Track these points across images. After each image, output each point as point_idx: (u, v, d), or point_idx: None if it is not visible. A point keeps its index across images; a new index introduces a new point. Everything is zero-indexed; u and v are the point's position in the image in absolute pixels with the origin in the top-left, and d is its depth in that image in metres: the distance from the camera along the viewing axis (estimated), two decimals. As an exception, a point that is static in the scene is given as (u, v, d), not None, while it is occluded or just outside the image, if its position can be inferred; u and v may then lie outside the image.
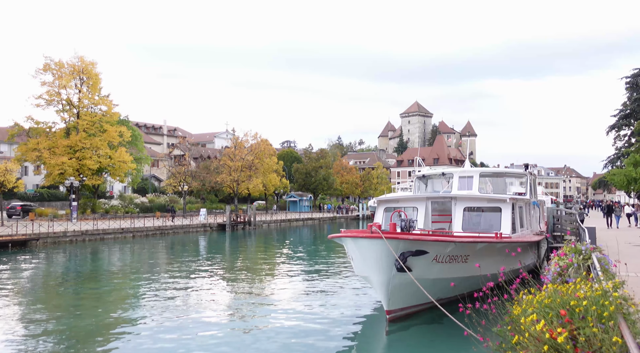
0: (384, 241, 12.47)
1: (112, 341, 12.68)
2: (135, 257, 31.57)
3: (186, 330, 13.32)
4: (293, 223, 64.74)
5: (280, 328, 13.50)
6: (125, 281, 22.66)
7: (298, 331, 13.27)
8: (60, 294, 19.46)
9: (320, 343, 12.32)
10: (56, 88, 48.83)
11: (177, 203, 66.78)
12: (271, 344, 12.13)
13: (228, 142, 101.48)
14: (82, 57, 49.82)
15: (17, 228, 36.31)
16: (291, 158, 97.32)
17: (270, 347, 11.92)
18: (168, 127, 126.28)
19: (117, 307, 16.92)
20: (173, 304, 16.69)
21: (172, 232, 47.10)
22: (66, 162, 47.40)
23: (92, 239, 39.03)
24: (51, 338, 12.75)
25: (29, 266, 26.99)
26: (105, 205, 57.60)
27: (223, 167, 68.30)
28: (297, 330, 13.38)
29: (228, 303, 17.04)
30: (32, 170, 70.20)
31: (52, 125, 50.87)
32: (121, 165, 51.89)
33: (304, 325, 13.89)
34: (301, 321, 14.30)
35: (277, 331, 13.25)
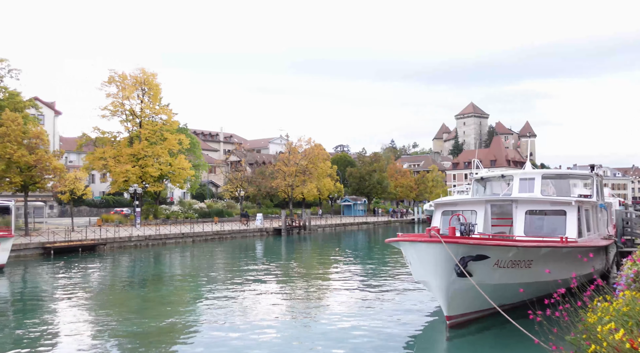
0: (443, 245, 12.24)
1: (174, 343, 13.06)
2: (195, 261, 32.48)
3: (244, 333, 13.51)
4: (347, 228, 64.67)
5: (337, 334, 13.47)
6: (187, 284, 23.33)
7: (355, 336, 13.19)
8: (126, 297, 20.28)
9: (379, 348, 12.22)
10: (120, 99, 51.17)
11: (234, 209, 68.26)
12: (329, 349, 12.14)
13: (282, 148, 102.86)
14: (143, 69, 51.98)
15: (86, 233, 38.24)
16: (345, 162, 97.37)
17: (327, 352, 11.94)
18: (224, 134, 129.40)
19: (179, 310, 17.44)
20: (232, 307, 17.03)
21: (230, 236, 48.15)
22: (130, 169, 49.46)
23: (155, 244, 40.51)
24: (117, 339, 13.29)
25: (97, 269, 28.32)
26: (166, 211, 59.67)
27: (278, 172, 69.20)
28: (354, 335, 13.30)
29: (285, 307, 17.19)
30: (99, 178, 73.73)
31: (116, 134, 53.28)
32: (181, 172, 53.57)
33: (361, 330, 13.80)
34: (358, 326, 14.21)
35: (334, 336, 13.22)
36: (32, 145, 37.95)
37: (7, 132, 36.59)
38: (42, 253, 33.05)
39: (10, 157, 36.19)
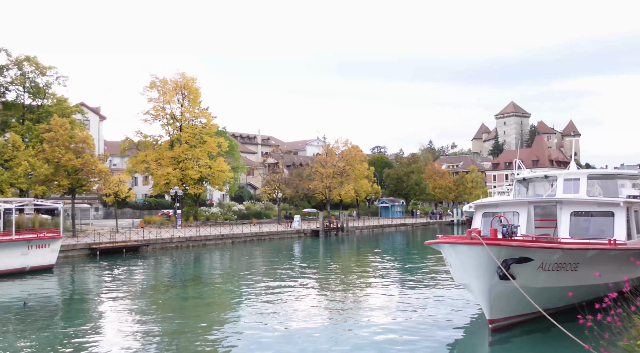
0: (484, 247, 12.01)
1: (213, 344, 13.24)
2: (234, 263, 32.90)
3: (283, 335, 13.59)
4: (385, 229, 64.26)
5: (377, 337, 13.37)
6: (226, 285, 23.64)
7: (395, 339, 13.07)
8: (168, 297, 20.71)
9: (419, 351, 12.08)
10: (161, 103, 52.42)
11: (271, 210, 68.85)
12: (368, 352, 12.08)
13: (319, 149, 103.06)
14: (183, 74, 53.08)
15: (130, 234, 39.30)
16: (382, 163, 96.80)
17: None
18: (262, 137, 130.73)
19: (218, 311, 17.69)
20: (270, 309, 17.13)
21: (268, 238, 48.57)
22: (171, 172, 50.57)
23: (195, 245, 41.27)
24: (158, 338, 13.59)
25: (140, 270, 29.07)
26: (206, 212, 60.71)
27: (315, 174, 69.38)
28: (393, 338, 13.18)
29: (323, 310, 17.19)
30: (141, 180, 75.67)
31: (158, 138, 54.58)
32: (220, 174, 54.38)
33: (400, 333, 13.67)
34: (397, 329, 14.08)
35: (373, 339, 13.13)
36: (78, 149, 39.31)
37: (56, 136, 38.02)
38: (89, 253, 34.17)
39: (58, 161, 37.59)
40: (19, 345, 12.91)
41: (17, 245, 26.20)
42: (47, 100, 44.46)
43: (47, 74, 43.74)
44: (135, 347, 12.69)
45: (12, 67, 42.76)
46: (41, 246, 27.27)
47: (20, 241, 26.37)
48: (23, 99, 44.20)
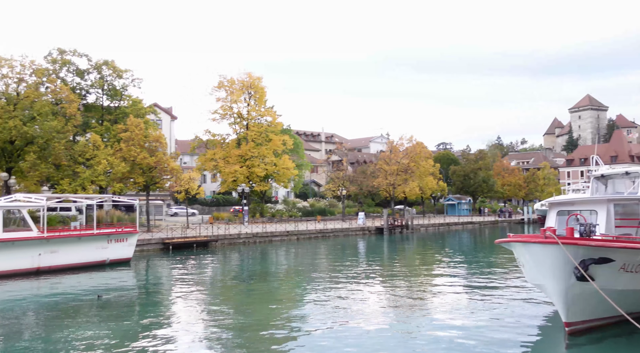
0: (560, 247, 11.47)
1: (276, 338, 13.42)
2: (299, 259, 33.32)
3: (346, 333, 13.49)
4: (452, 227, 62.88)
5: (444, 337, 13.08)
6: (292, 281, 23.99)
7: (463, 342, 12.69)
8: (236, 291, 21.29)
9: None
10: (229, 103, 54.00)
11: (336, 207, 69.15)
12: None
13: (383, 147, 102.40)
14: (249, 73, 54.37)
15: (200, 230, 40.75)
16: (448, 160, 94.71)
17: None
18: (325, 134, 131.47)
19: (284, 306, 17.96)
20: (335, 305, 17.14)
21: (333, 235, 48.83)
22: (238, 170, 51.97)
23: (262, 241, 42.18)
24: (226, 332, 13.96)
25: (210, 264, 30.09)
26: (272, 209, 61.90)
27: (379, 171, 69.00)
28: (462, 341, 12.81)
29: (388, 308, 17.03)
30: (210, 178, 78.20)
31: (225, 136, 56.25)
32: (285, 171, 55.29)
33: (469, 335, 13.26)
34: (466, 331, 13.67)
35: (440, 341, 12.83)
36: (152, 148, 41.22)
37: (132, 136, 40.06)
38: (162, 248, 35.74)
39: (134, 159, 39.60)
40: (95, 335, 13.71)
41: (98, 239, 27.84)
42: (124, 101, 46.92)
43: (124, 76, 46.14)
44: (204, 340, 13.13)
45: (92, 71, 45.44)
46: (120, 240, 28.84)
47: (101, 235, 28.00)
48: (102, 101, 46.90)
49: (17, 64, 37.26)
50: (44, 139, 36.13)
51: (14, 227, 26.99)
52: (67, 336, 13.43)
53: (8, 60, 36.87)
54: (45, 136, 36.08)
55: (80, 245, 26.97)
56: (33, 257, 24.87)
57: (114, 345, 12.59)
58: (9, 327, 14.86)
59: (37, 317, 16.37)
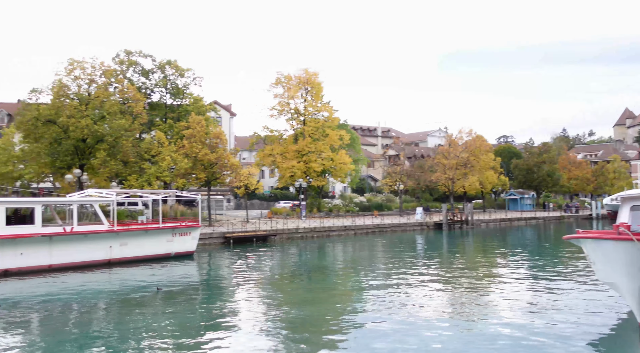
0: (636, 243, 10.89)
1: (336, 332, 13.51)
2: (357, 254, 33.34)
3: (404, 330, 13.37)
4: (514, 223, 60.91)
5: (509, 337, 12.64)
6: (350, 276, 24.05)
7: (530, 342, 12.20)
8: (294, 285, 21.59)
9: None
10: (286, 99, 54.60)
11: (393, 202, 68.59)
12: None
13: (441, 141, 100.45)
14: (306, 69, 54.70)
15: (259, 225, 41.56)
16: (509, 154, 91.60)
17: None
18: (382, 129, 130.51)
19: (342, 301, 18.04)
20: (392, 302, 17.02)
21: (390, 230, 48.50)
22: (295, 165, 52.55)
23: (319, 235, 42.50)
24: (284, 325, 14.20)
25: (269, 258, 30.65)
26: (329, 204, 62.19)
27: (437, 166, 67.81)
28: (528, 341, 12.33)
29: (448, 305, 16.75)
30: (268, 173, 79.51)
31: (283, 132, 56.97)
32: (342, 166, 55.38)
33: (536, 334, 12.77)
34: (532, 330, 13.17)
35: (504, 339, 12.45)
36: (213, 144, 42.42)
37: (194, 133, 41.38)
38: (223, 242, 36.74)
39: (196, 155, 40.90)
40: (160, 326, 14.30)
41: (164, 233, 28.99)
42: (185, 99, 48.52)
43: (185, 75, 47.72)
44: (263, 334, 13.41)
45: (156, 70, 47.26)
46: (184, 234, 29.90)
47: (166, 229, 29.14)
48: (165, 100, 48.70)
49: (89, 65, 39.29)
50: (113, 137, 37.97)
51: (87, 221, 28.57)
52: (134, 325, 14.10)
53: (80, 62, 38.94)
54: (114, 134, 37.92)
55: (147, 239, 28.18)
56: (105, 249, 26.23)
57: (176, 335, 13.11)
58: (84, 316, 15.79)
59: (108, 306, 17.27)
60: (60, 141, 37.79)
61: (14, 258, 23.11)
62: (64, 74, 38.57)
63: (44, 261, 23.98)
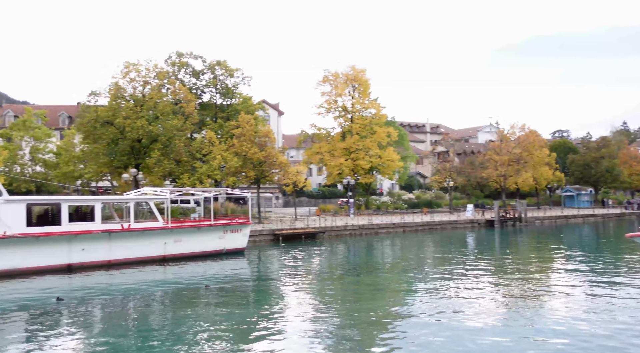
0: None
1: (385, 331, 13.43)
2: (406, 251, 33.02)
3: (455, 331, 13.12)
4: (571, 221, 58.66)
5: (564, 341, 12.16)
6: (398, 274, 23.86)
7: (588, 346, 11.80)
8: (342, 282, 21.61)
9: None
10: (333, 96, 54.65)
11: (442, 200, 67.48)
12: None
13: (492, 136, 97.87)
14: (353, 66, 54.56)
15: (308, 222, 41.87)
16: (565, 149, 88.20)
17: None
18: (430, 125, 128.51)
19: (391, 299, 17.92)
20: (442, 302, 16.73)
21: (440, 227, 47.77)
22: (343, 162, 52.57)
23: (368, 233, 42.37)
24: (333, 322, 14.24)
25: (318, 255, 30.82)
26: (377, 201, 61.86)
27: (488, 162, 66.19)
28: (585, 343, 11.92)
29: (500, 305, 16.29)
30: (316, 171, 79.91)
31: (330, 130, 57.07)
32: (390, 163, 54.96)
33: (593, 338, 12.25)
34: (591, 334, 12.61)
35: (560, 343, 12.02)
36: (262, 143, 43.05)
37: (243, 132, 42.13)
38: (272, 239, 37.22)
39: (245, 154, 41.62)
40: (213, 321, 14.64)
41: (215, 230, 29.67)
42: (235, 99, 49.44)
43: (235, 75, 48.62)
44: (312, 332, 13.49)
45: (207, 71, 48.39)
46: (234, 231, 30.50)
47: (217, 226, 29.81)
48: (215, 99, 49.80)
49: (143, 68, 40.68)
50: (166, 137, 39.19)
51: (142, 219, 29.63)
52: (188, 320, 14.51)
53: (135, 65, 40.37)
54: (167, 134, 39.13)
55: (199, 236, 28.92)
56: (160, 246, 27.11)
57: (227, 331, 13.41)
58: (140, 310, 16.41)
59: (164, 300, 17.87)
60: (117, 141, 39.34)
61: (77, 254, 24.25)
62: (120, 76, 40.13)
63: (103, 257, 25.04)
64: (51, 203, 25.85)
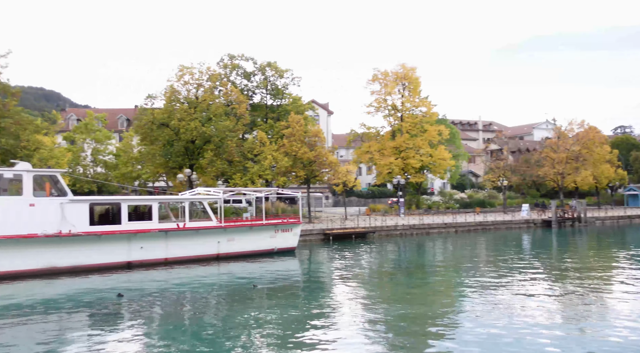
0: None
1: (436, 333, 13.21)
2: (458, 252, 32.38)
3: (508, 333, 12.74)
4: (635, 221, 55.76)
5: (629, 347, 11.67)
6: (450, 275, 23.42)
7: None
8: (393, 282, 21.43)
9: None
10: (383, 95, 54.30)
11: (496, 199, 65.73)
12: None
13: (549, 133, 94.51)
14: (403, 64, 53.99)
15: (358, 222, 41.78)
16: (628, 146, 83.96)
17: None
18: (483, 122, 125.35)
19: (443, 300, 17.64)
20: (495, 303, 16.30)
21: (494, 227, 46.57)
22: (393, 162, 52.13)
23: (419, 233, 41.84)
24: (384, 323, 14.11)
25: (368, 255, 30.73)
26: (428, 201, 60.98)
27: (545, 160, 63.91)
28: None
29: (558, 310, 15.64)
30: (365, 170, 79.61)
31: (380, 129, 56.73)
32: (441, 162, 54.07)
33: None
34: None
35: (624, 348, 11.51)
36: (312, 142, 43.32)
37: (293, 132, 42.54)
38: (323, 238, 37.38)
39: (295, 154, 42.01)
40: (262, 319, 14.86)
41: (267, 229, 30.11)
42: (285, 99, 49.98)
43: (285, 76, 49.14)
44: (363, 332, 13.47)
45: (257, 72, 49.17)
46: (285, 230, 30.85)
47: (269, 225, 30.24)
48: (266, 100, 50.53)
49: (196, 71, 41.82)
50: (219, 138, 40.12)
51: (196, 218, 30.44)
52: (241, 318, 14.82)
53: (189, 68, 41.55)
54: (220, 135, 40.06)
55: (251, 235, 29.43)
56: (214, 245, 27.78)
57: (279, 329, 13.59)
58: (195, 307, 16.88)
59: (218, 298, 18.31)
60: (173, 143, 40.61)
61: (136, 252, 25.22)
62: (175, 80, 41.40)
63: (160, 255, 25.92)
64: (112, 203, 27.01)
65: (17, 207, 22.60)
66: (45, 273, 22.51)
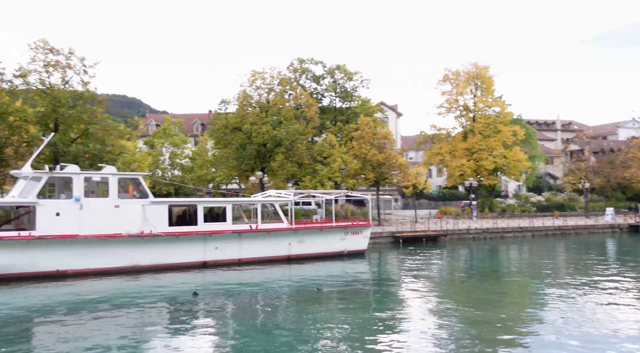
0: None
1: (506, 341, 12.72)
2: (535, 257, 31.01)
3: (586, 344, 12.11)
4: None
5: None
6: (526, 281, 22.49)
7: None
8: (465, 288, 20.88)
9: None
10: (454, 96, 53.04)
11: (576, 202, 62.33)
12: None
13: (636, 132, 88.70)
14: (476, 64, 52.46)
15: (428, 225, 41.06)
16: None
17: None
18: (561, 122, 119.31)
19: (516, 306, 17.05)
20: (572, 312, 15.50)
21: (574, 232, 44.21)
22: (465, 163, 50.76)
23: (492, 237, 40.49)
24: (454, 329, 13.77)
25: (439, 259, 30.09)
26: (502, 204, 58.85)
27: (632, 161, 59.90)
28: None
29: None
30: (436, 173, 78.11)
31: (451, 130, 55.42)
32: (516, 164, 52.04)
33: None
34: None
35: None
36: (381, 145, 43.08)
37: (362, 134, 42.52)
38: (392, 241, 37.05)
39: (364, 156, 41.96)
40: (332, 321, 14.91)
41: (337, 232, 30.25)
42: (354, 102, 50.05)
43: (354, 79, 49.23)
44: (431, 335, 13.24)
45: (326, 76, 49.59)
46: (355, 233, 30.85)
47: (339, 228, 30.36)
48: (335, 103, 50.83)
49: (268, 76, 42.81)
50: (289, 141, 40.84)
51: (268, 220, 31.11)
52: (312, 319, 15.00)
53: (260, 73, 42.63)
54: (290, 138, 40.75)
55: (321, 237, 29.67)
56: (285, 246, 28.26)
57: (348, 332, 13.62)
58: (267, 307, 17.27)
59: (289, 299, 18.63)
60: (245, 146, 41.79)
61: (211, 252, 26.15)
62: (247, 85, 42.60)
63: (234, 255, 26.71)
64: (189, 205, 28.14)
65: (104, 208, 24.09)
66: (129, 271, 23.83)
